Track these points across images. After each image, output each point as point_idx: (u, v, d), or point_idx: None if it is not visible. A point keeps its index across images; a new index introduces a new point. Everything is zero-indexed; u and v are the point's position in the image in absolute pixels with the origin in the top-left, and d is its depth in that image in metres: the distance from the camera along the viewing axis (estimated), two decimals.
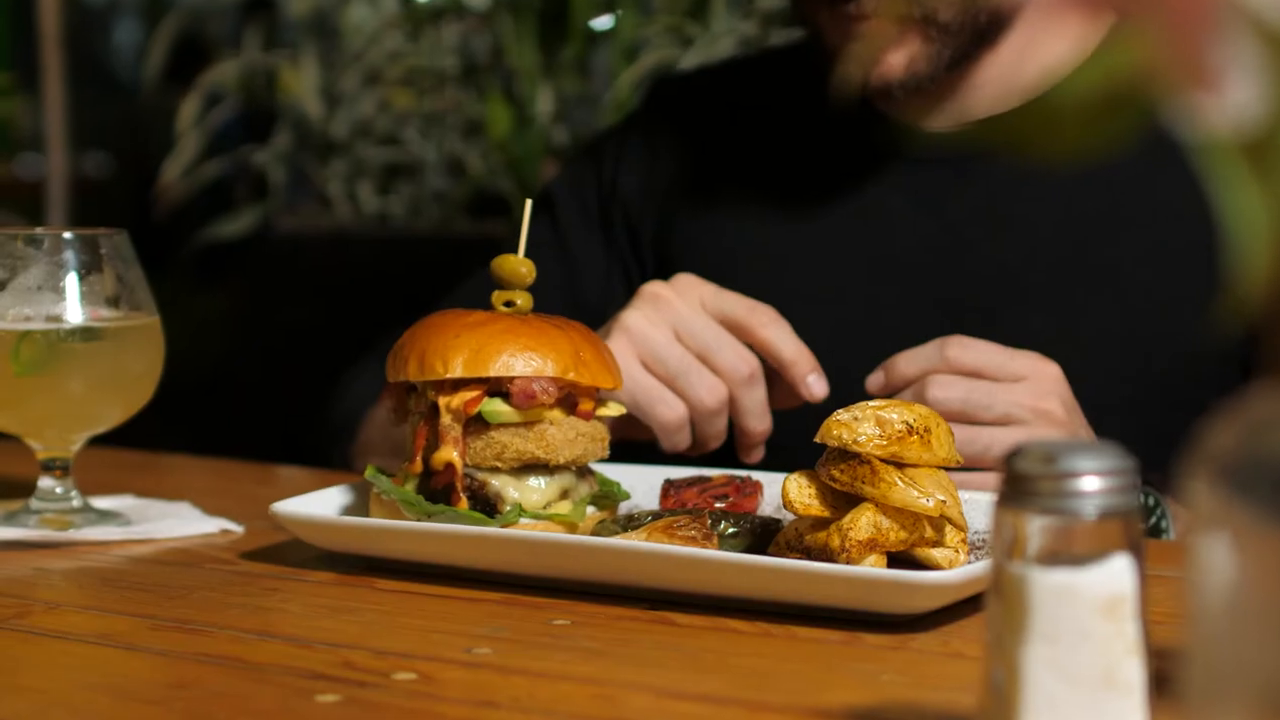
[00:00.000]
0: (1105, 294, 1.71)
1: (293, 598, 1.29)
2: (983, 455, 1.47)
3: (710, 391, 1.56)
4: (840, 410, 1.32)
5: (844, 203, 1.82)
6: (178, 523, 1.52)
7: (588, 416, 1.39)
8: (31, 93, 4.27)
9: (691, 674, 1.10)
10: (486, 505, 1.35)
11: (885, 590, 1.18)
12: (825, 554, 1.29)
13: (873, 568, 1.24)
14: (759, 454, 1.61)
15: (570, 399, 1.38)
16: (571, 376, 1.36)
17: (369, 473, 1.40)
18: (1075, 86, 0.53)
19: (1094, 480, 0.89)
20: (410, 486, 1.37)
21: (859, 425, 1.30)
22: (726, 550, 1.35)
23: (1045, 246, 1.73)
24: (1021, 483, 0.90)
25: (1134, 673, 0.89)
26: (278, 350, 3.23)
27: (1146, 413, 1.70)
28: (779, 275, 1.82)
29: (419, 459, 1.37)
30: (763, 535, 1.37)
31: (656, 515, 1.37)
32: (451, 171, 3.37)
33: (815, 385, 1.58)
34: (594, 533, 1.37)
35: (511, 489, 1.36)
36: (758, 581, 1.21)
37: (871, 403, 1.32)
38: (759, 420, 1.59)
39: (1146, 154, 1.66)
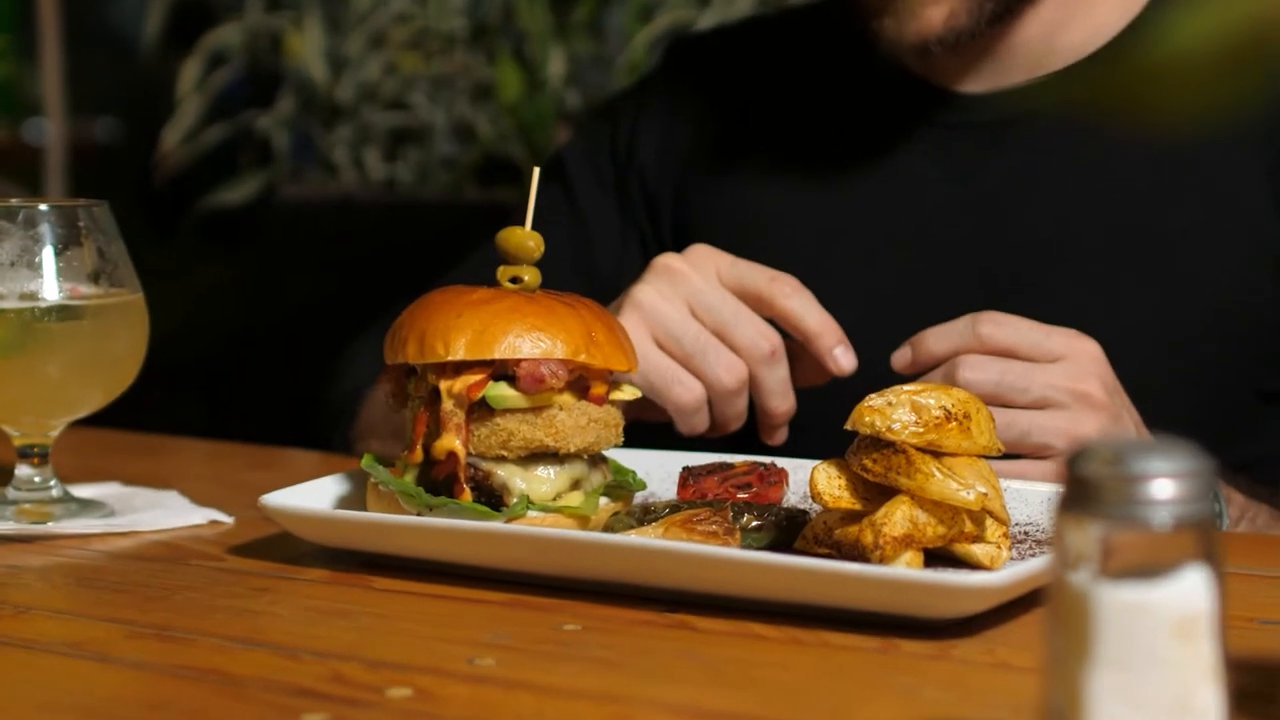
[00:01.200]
0: (1151, 265, 1.62)
1: (282, 599, 1.20)
2: (1019, 441, 1.38)
3: (729, 370, 1.47)
4: (872, 395, 1.22)
5: (872, 170, 1.73)
6: (164, 514, 1.42)
7: (601, 401, 1.29)
8: (30, 56, 4.18)
9: (714, 689, 1.00)
10: (491, 497, 1.26)
11: (925, 594, 1.08)
12: (857, 550, 1.19)
13: (911, 570, 1.15)
14: (782, 435, 1.52)
15: (581, 382, 1.29)
16: (583, 358, 1.27)
17: (365, 462, 1.31)
18: (1183, 42, 0.43)
19: (1167, 484, 0.79)
20: (410, 477, 1.28)
21: (893, 411, 1.20)
22: (749, 545, 1.26)
23: (1087, 215, 1.64)
24: (1085, 487, 0.80)
25: (1210, 700, 0.80)
26: (282, 321, 3.16)
27: (1194, 393, 1.61)
28: (803, 246, 1.73)
29: (419, 447, 1.27)
30: (788, 528, 1.28)
31: (674, 507, 1.27)
32: (460, 136, 3.30)
33: (842, 358, 1.48)
34: (607, 526, 1.27)
35: (518, 479, 1.27)
36: (785, 584, 1.12)
37: (906, 387, 1.22)
38: (782, 400, 1.50)
39: (1193, 107, 1.57)
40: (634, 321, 1.46)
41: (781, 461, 1.41)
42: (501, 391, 1.26)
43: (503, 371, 1.26)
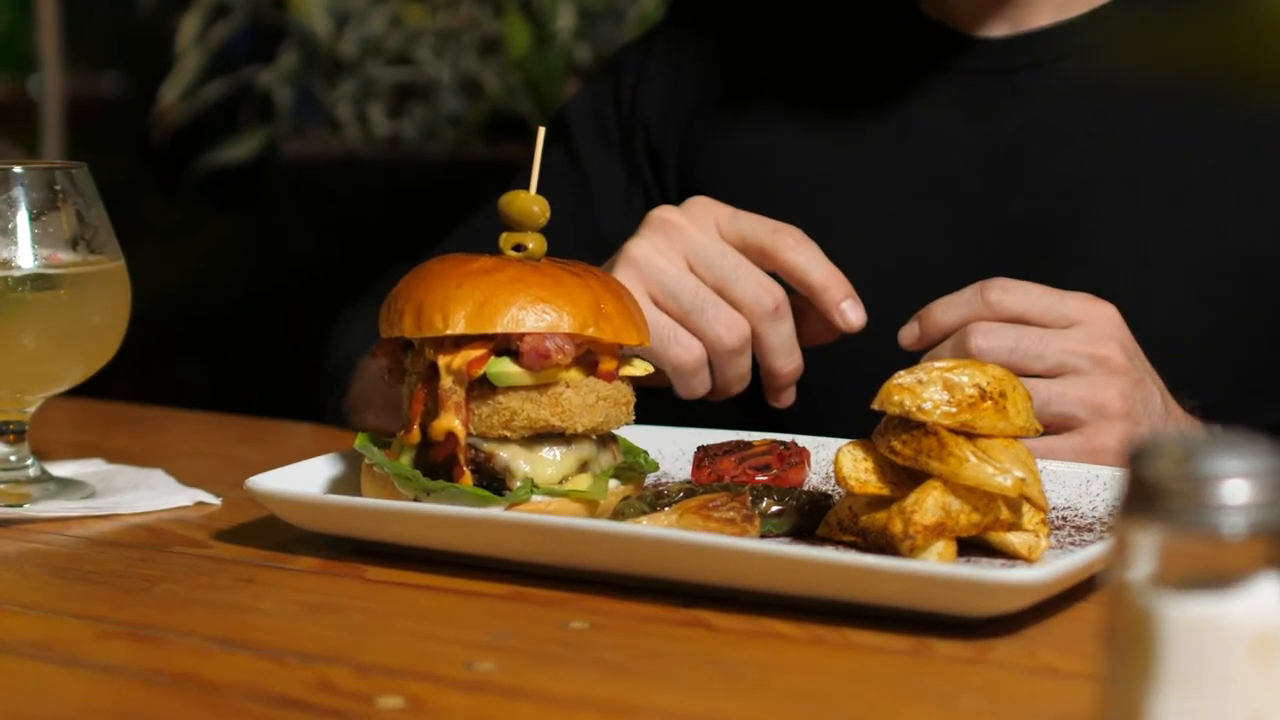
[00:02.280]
0: (1181, 215, 1.55)
1: (268, 591, 1.12)
2: (1039, 412, 1.28)
3: (729, 327, 1.38)
4: (901, 372, 1.14)
5: (888, 119, 1.65)
6: (147, 494, 1.34)
7: (610, 377, 1.21)
8: (27, 9, 4.09)
9: (732, 697, 0.92)
10: (493, 480, 1.18)
11: (962, 592, 1.00)
12: (884, 539, 1.11)
13: (945, 565, 1.07)
14: (789, 397, 1.44)
15: (590, 357, 1.20)
16: (591, 332, 1.18)
17: (359, 442, 1.22)
18: None
19: (1240, 486, 0.71)
20: (406, 459, 1.20)
21: (923, 390, 1.12)
22: (769, 531, 1.18)
23: (1112, 163, 1.57)
24: (1149, 490, 0.72)
25: None
26: (284, 281, 3.10)
27: (1226, 350, 1.54)
28: (817, 200, 1.64)
29: (415, 427, 1.19)
30: (810, 513, 1.20)
31: (689, 491, 1.19)
32: (467, 92, 3.24)
33: (850, 313, 1.40)
34: (617, 512, 1.19)
35: (522, 461, 1.18)
36: (809, 579, 1.04)
37: (938, 363, 1.14)
38: (787, 358, 1.41)
39: (1225, 57, 1.49)
40: (628, 278, 1.38)
41: (802, 440, 1.32)
42: (504, 368, 1.18)
43: (505, 346, 1.18)
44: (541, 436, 1.19)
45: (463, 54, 3.20)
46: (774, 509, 1.19)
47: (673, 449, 1.37)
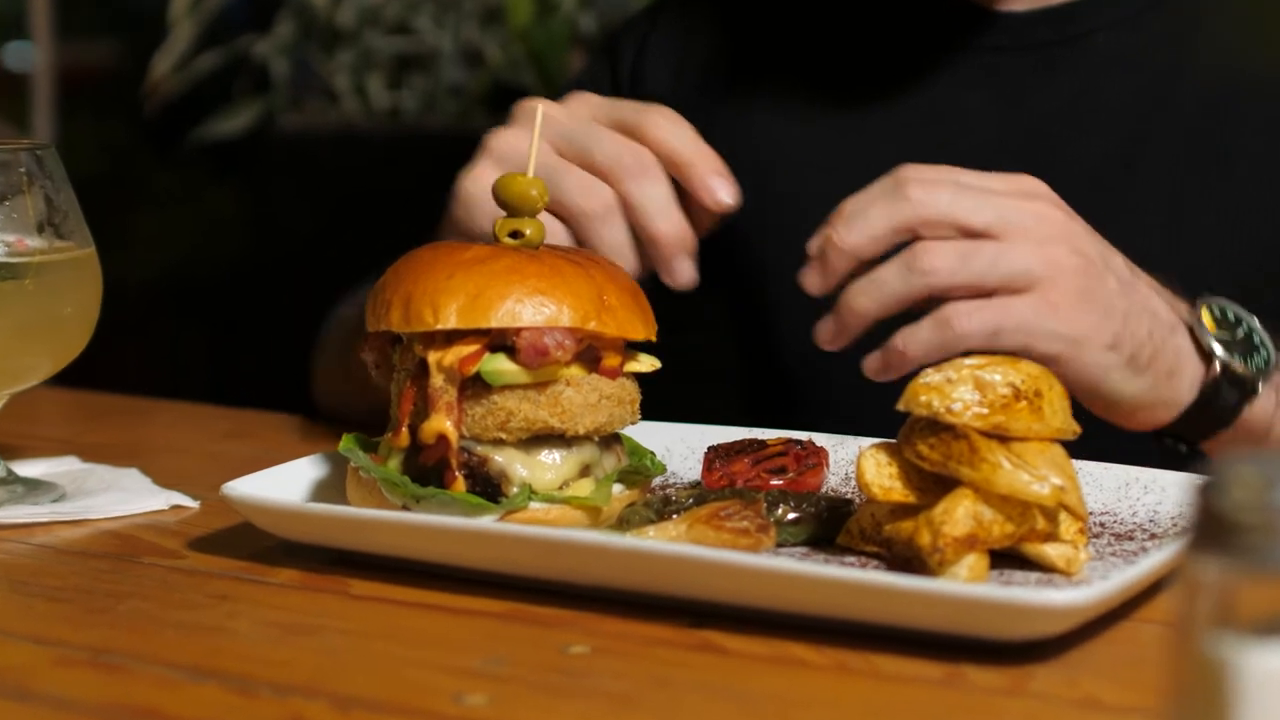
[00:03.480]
0: (1218, 192, 1.47)
1: (244, 610, 1.03)
2: (989, 274, 1.16)
3: (585, 192, 1.27)
4: (929, 370, 1.05)
5: (910, 99, 1.56)
6: (120, 497, 1.26)
7: (614, 374, 1.12)
8: None
9: None
10: (488, 486, 1.09)
11: (1000, 616, 0.91)
12: (910, 550, 1.03)
13: (982, 588, 0.98)
14: (684, 271, 1.29)
15: (592, 353, 1.12)
16: (593, 326, 1.10)
17: (344, 445, 1.14)
18: None
19: None
20: (394, 463, 1.11)
21: (953, 389, 1.04)
22: (785, 540, 1.10)
23: (1147, 140, 1.49)
24: (1221, 524, 0.63)
25: None
26: (281, 257, 3.02)
27: (1267, 321, 1.43)
28: (834, 185, 1.53)
29: (404, 429, 1.11)
30: (830, 520, 1.11)
31: (699, 497, 1.11)
32: (468, 62, 3.17)
33: (719, 190, 1.29)
34: (622, 519, 1.11)
35: (519, 465, 1.10)
36: (833, 600, 0.95)
37: (968, 360, 1.06)
38: (663, 218, 1.28)
39: (1256, 25, 1.40)
40: (482, 167, 1.30)
41: (820, 439, 1.24)
42: (499, 365, 1.09)
43: (500, 342, 1.09)
44: (540, 439, 1.11)
45: (464, 23, 3.13)
46: (790, 516, 1.11)
47: (681, 447, 1.29)
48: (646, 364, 1.15)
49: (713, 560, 0.98)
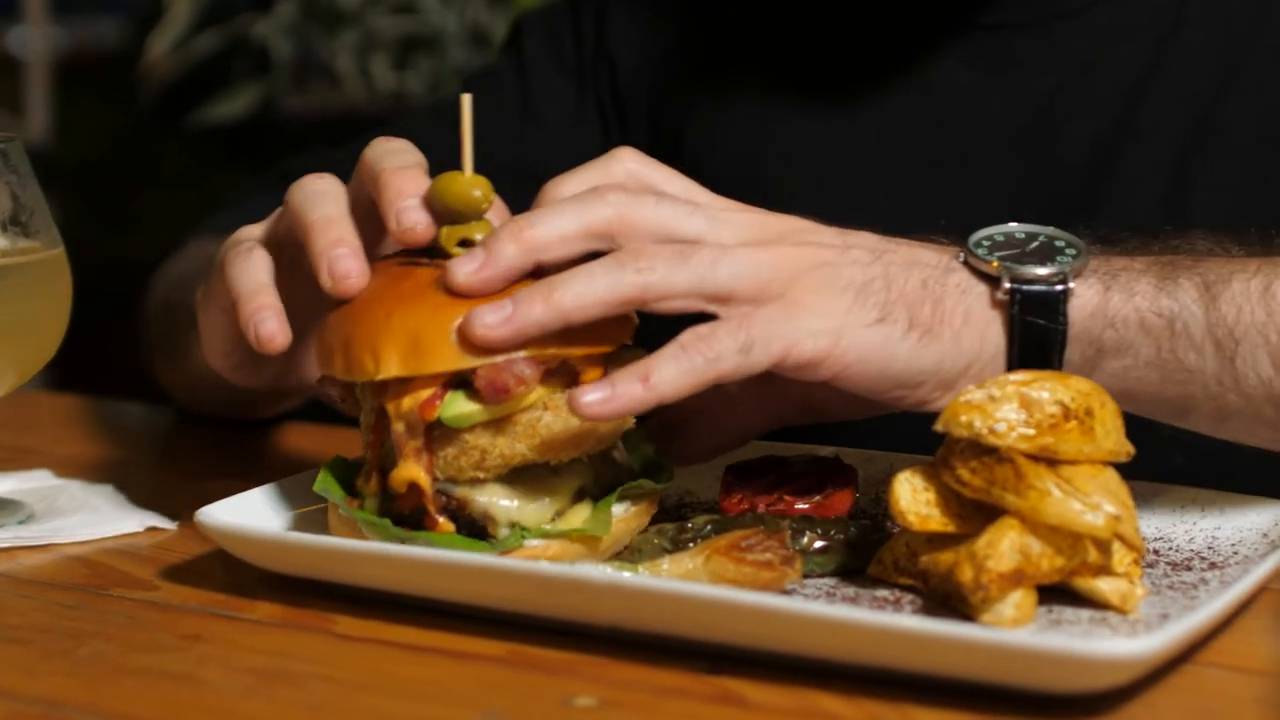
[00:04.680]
0: (1221, 163, 1.37)
1: (217, 652, 0.94)
2: (699, 290, 0.99)
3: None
4: (971, 388, 0.96)
5: (901, 80, 1.46)
6: (91, 519, 1.17)
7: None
8: None
9: None
10: (474, 529, 0.99)
11: (1053, 668, 0.82)
12: (949, 585, 0.94)
13: (1035, 637, 0.88)
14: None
15: (567, 367, 1.00)
16: (554, 351, 0.98)
17: (320, 483, 1.04)
18: None
19: None
20: (371, 506, 1.02)
21: (996, 408, 0.95)
22: (812, 570, 1.01)
23: (1148, 111, 1.39)
24: None
25: None
26: None
27: None
28: (823, 172, 1.46)
29: (375, 474, 1.01)
30: (860, 548, 1.02)
31: (718, 525, 1.01)
32: (475, 43, 3.11)
33: (405, 215, 1.03)
34: (634, 549, 1.01)
35: (504, 502, 0.99)
36: (864, 646, 0.86)
37: (1013, 376, 0.96)
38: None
39: None
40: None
41: (847, 454, 1.15)
42: (461, 409, 0.97)
43: (460, 376, 0.99)
44: (524, 469, 1.00)
45: (470, 2, 3.07)
46: (817, 545, 1.02)
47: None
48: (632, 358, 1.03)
49: (731, 601, 0.88)
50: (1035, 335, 1.03)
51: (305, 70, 3.20)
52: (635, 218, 1.00)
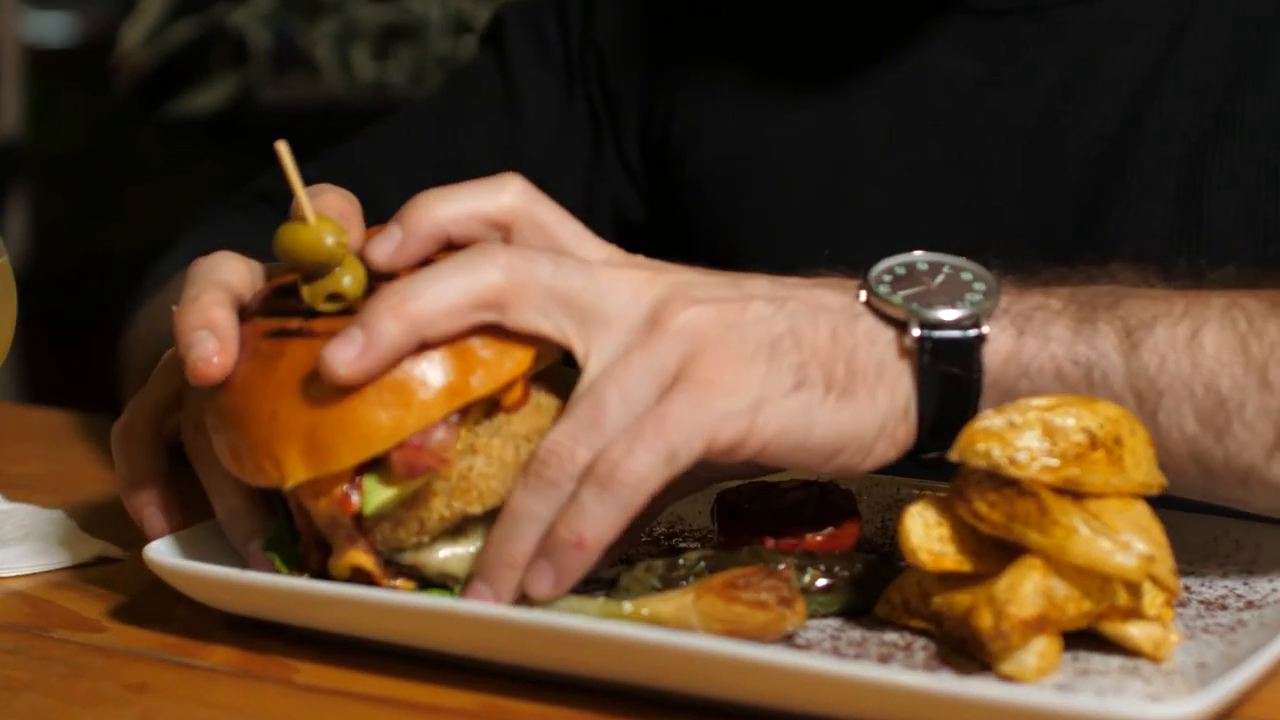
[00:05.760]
0: (1236, 157, 1.29)
1: (165, 706, 0.86)
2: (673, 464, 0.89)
3: None
4: (988, 412, 0.88)
5: (899, 72, 1.38)
6: (37, 549, 1.08)
7: (521, 404, 0.91)
8: None
9: None
10: (435, 586, 0.91)
11: None
12: (966, 630, 0.86)
13: (1060, 698, 0.80)
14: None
15: (487, 400, 0.90)
16: (466, 398, 0.88)
17: (268, 552, 0.94)
18: None
19: None
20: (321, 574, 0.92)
21: (1017, 436, 0.87)
22: (815, 610, 0.93)
23: (1158, 104, 1.31)
24: None
25: None
26: None
27: None
28: (812, 169, 1.39)
29: (315, 552, 0.92)
30: (866, 586, 0.95)
31: (712, 560, 0.93)
32: (458, 32, 3.02)
33: (188, 358, 0.92)
34: (623, 587, 0.93)
35: (459, 551, 0.90)
36: (871, 704, 0.78)
37: (1034, 401, 0.88)
38: None
39: None
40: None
41: (846, 479, 1.07)
42: (381, 498, 0.88)
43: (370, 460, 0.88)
44: (474, 518, 0.91)
45: None
46: (820, 582, 0.94)
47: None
48: (552, 356, 0.92)
49: (728, 657, 0.80)
50: (948, 386, 0.92)
51: (284, 60, 3.14)
52: (527, 286, 0.89)
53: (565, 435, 0.87)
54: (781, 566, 0.92)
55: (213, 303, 0.92)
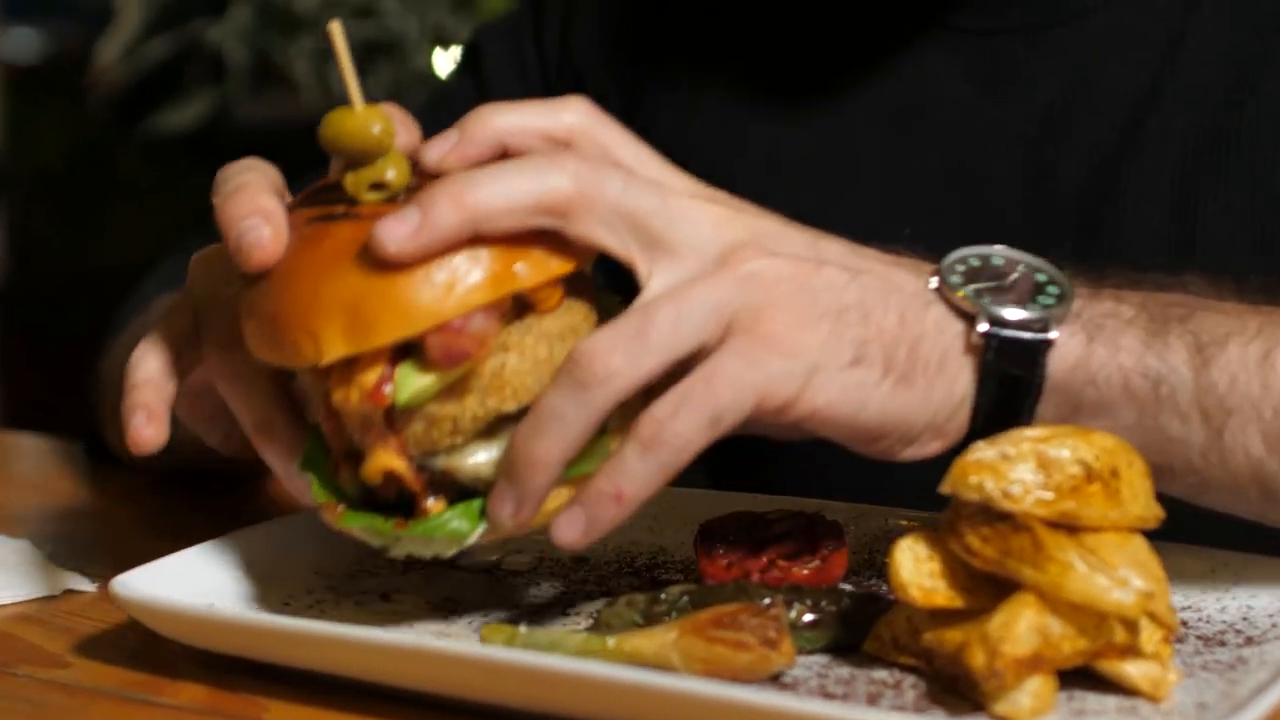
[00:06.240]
0: (1232, 173, 1.27)
1: None
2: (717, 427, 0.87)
3: None
4: (980, 444, 0.86)
5: (887, 93, 1.35)
6: (2, 580, 1.05)
7: (554, 307, 0.89)
8: None
9: None
10: (470, 493, 0.88)
11: None
12: (958, 668, 0.84)
13: None
14: None
15: (521, 299, 0.88)
16: (511, 288, 0.86)
17: (316, 495, 0.91)
18: None
19: None
20: (353, 489, 0.90)
21: (1010, 468, 0.85)
22: (801, 646, 0.90)
23: (1152, 121, 1.28)
24: None
25: None
26: None
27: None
28: (798, 186, 1.36)
29: (345, 465, 0.90)
30: (854, 621, 0.92)
31: (695, 595, 0.91)
32: (439, 44, 2.99)
33: (244, 241, 0.89)
34: (602, 622, 0.91)
35: (496, 453, 0.88)
36: None
37: (1028, 432, 0.86)
38: None
39: None
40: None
41: (835, 509, 1.04)
42: (416, 387, 0.86)
43: (405, 345, 0.86)
44: (505, 418, 0.88)
45: (432, 7, 2.97)
46: (807, 618, 0.91)
47: (673, 517, 1.08)
48: (589, 261, 0.91)
49: (694, 694, 0.78)
50: (1007, 387, 0.91)
51: (262, 77, 3.10)
52: (595, 198, 0.87)
53: (606, 340, 0.85)
54: (767, 601, 0.89)
55: (259, 191, 0.91)
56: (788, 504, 1.05)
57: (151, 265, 1.50)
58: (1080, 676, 0.85)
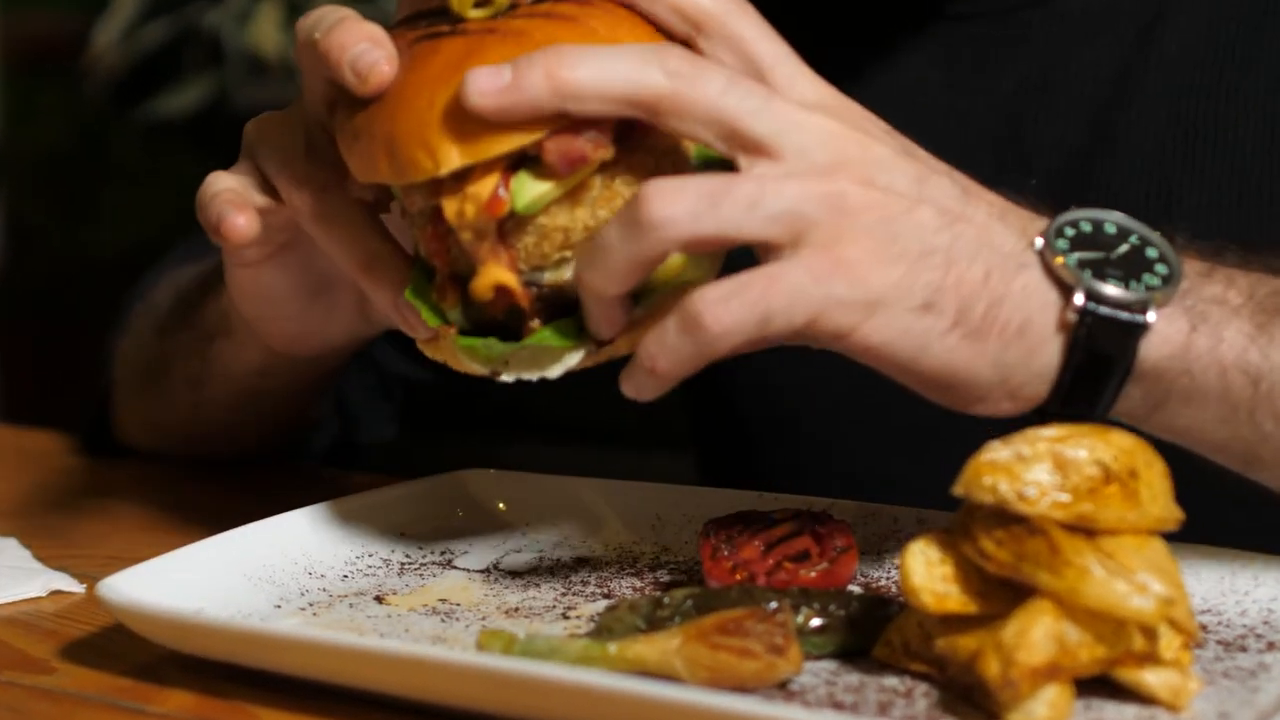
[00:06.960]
0: (1210, 165, 1.24)
1: None
2: (747, 220, 0.85)
3: None
4: (994, 443, 0.83)
5: (862, 77, 1.31)
6: None
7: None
8: None
9: None
10: (577, 308, 0.89)
11: None
12: (971, 677, 0.81)
13: None
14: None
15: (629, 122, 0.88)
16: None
17: (407, 293, 0.93)
18: None
19: None
20: (456, 316, 0.91)
21: (1025, 469, 0.82)
22: (809, 649, 0.87)
23: (1128, 109, 1.26)
24: None
25: None
26: None
27: None
28: None
29: (450, 286, 0.90)
30: (864, 626, 0.89)
31: (699, 599, 0.88)
32: None
33: (359, 65, 0.89)
34: (603, 628, 0.88)
35: None
36: None
37: (1044, 432, 0.83)
38: None
39: None
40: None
41: (842, 508, 1.01)
42: (534, 193, 0.86)
43: (521, 154, 0.87)
44: None
45: None
46: (815, 622, 0.88)
47: (676, 515, 1.06)
48: None
49: (696, 704, 0.75)
50: (1096, 365, 0.88)
51: (260, 62, 3.05)
52: (689, 100, 0.86)
53: (674, 187, 0.84)
54: (774, 605, 0.86)
55: (362, 20, 0.91)
56: (794, 502, 1.02)
57: (149, 250, 1.47)
58: (1098, 685, 0.82)
